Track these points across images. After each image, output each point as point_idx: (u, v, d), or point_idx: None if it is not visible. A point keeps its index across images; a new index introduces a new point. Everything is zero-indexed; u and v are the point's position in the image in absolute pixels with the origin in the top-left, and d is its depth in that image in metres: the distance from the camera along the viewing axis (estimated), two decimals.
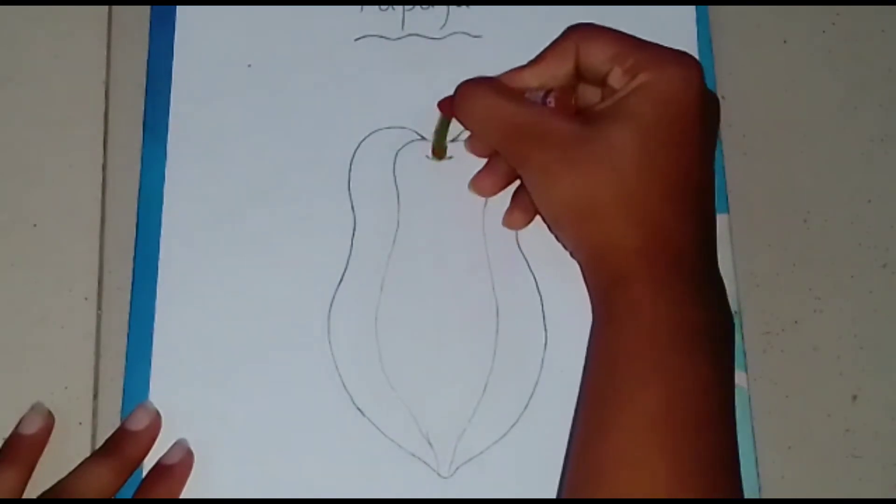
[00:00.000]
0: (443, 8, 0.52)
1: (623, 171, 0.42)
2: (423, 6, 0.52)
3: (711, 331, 0.42)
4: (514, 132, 0.44)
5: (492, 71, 0.50)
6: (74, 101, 0.51)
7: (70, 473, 0.44)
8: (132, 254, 0.48)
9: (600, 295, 0.43)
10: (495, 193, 0.48)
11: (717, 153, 0.49)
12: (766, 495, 0.46)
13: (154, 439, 0.46)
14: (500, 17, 0.52)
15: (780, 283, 0.49)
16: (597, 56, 0.44)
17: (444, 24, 0.52)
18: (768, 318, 0.49)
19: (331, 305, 0.48)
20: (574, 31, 0.45)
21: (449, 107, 0.47)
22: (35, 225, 0.49)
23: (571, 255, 0.45)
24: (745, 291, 0.48)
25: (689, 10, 0.52)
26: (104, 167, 0.50)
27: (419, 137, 0.50)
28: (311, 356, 0.47)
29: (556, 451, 0.44)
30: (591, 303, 0.44)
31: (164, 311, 0.47)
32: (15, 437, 0.45)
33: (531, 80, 0.45)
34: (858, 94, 0.52)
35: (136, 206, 0.49)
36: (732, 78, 0.52)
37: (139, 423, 0.45)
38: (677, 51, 0.44)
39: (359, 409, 0.46)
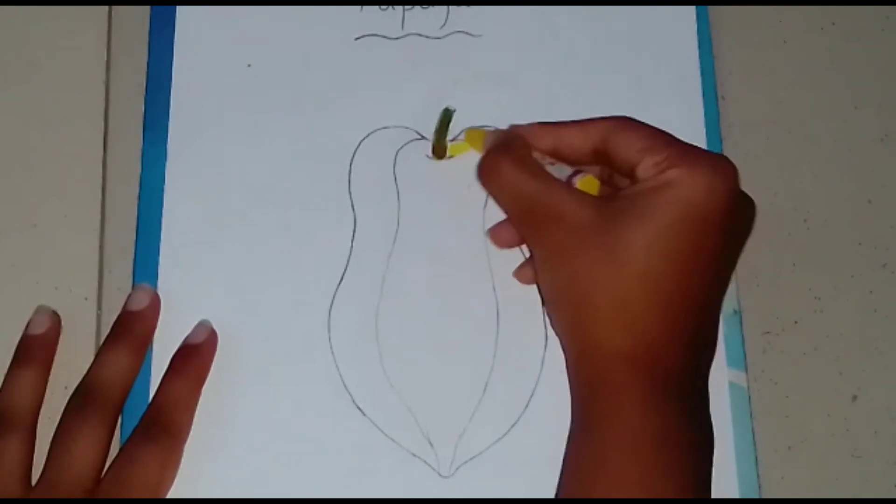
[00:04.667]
0: (443, 7, 0.52)
1: (625, 274, 0.40)
2: (423, 6, 0.52)
3: (696, 451, 0.41)
4: (531, 209, 0.43)
5: (492, 71, 0.51)
6: (74, 101, 0.51)
7: (92, 366, 0.45)
8: (132, 254, 0.48)
9: (582, 395, 0.42)
10: (512, 247, 0.48)
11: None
12: (766, 495, 0.46)
13: (157, 316, 0.47)
14: (500, 16, 0.52)
15: (780, 283, 0.49)
16: (629, 146, 0.42)
17: (444, 24, 0.52)
18: (768, 318, 0.49)
19: (331, 305, 0.48)
20: (611, 118, 0.44)
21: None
22: (35, 225, 0.49)
23: (561, 344, 0.44)
24: (745, 291, 0.48)
25: (689, 10, 0.52)
26: (104, 167, 0.50)
27: (419, 137, 0.50)
28: (311, 356, 0.47)
29: (556, 451, 0.44)
30: (572, 400, 0.43)
31: (163, 312, 0.47)
32: (27, 339, 0.47)
33: (545, 140, 0.44)
34: (858, 94, 0.52)
35: (136, 206, 0.49)
36: (732, 78, 0.52)
37: (140, 302, 0.47)
38: (713, 154, 0.42)
39: (359, 409, 0.46)
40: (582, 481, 0.41)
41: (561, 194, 0.42)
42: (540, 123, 0.45)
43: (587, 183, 0.43)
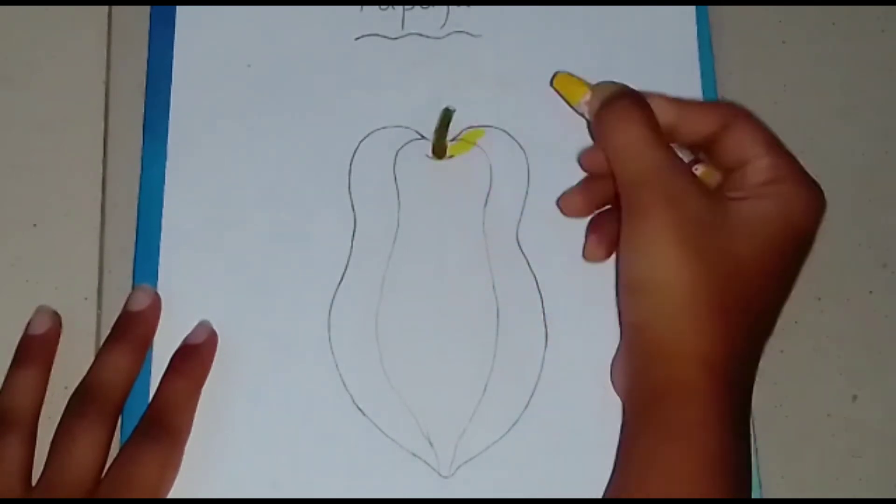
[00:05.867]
0: (443, 7, 0.52)
1: (725, 272, 0.40)
2: (423, 6, 0.52)
3: (741, 464, 0.41)
4: (652, 179, 0.41)
5: (492, 71, 0.51)
6: (74, 101, 0.51)
7: (92, 366, 0.45)
8: (132, 254, 0.48)
9: (650, 395, 0.41)
10: (583, 216, 0.47)
11: None
12: (766, 495, 0.46)
13: (157, 317, 0.47)
14: (500, 16, 0.52)
15: None
16: (744, 141, 0.42)
17: (444, 24, 0.52)
18: None
19: (331, 305, 0.48)
20: (730, 106, 0.44)
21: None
22: (35, 225, 0.49)
23: (623, 330, 0.43)
24: None
25: (689, 10, 0.52)
26: (104, 167, 0.50)
27: (419, 137, 0.50)
28: (311, 356, 0.47)
29: (556, 451, 0.44)
30: (630, 398, 0.42)
31: (163, 312, 0.47)
32: (27, 339, 0.47)
33: (669, 112, 0.43)
34: (858, 95, 0.52)
35: (136, 206, 0.49)
36: (732, 78, 0.52)
37: (141, 303, 0.47)
38: (809, 175, 0.43)
39: (359, 409, 0.46)
40: (645, 489, 0.40)
41: (686, 178, 0.41)
42: (663, 96, 0.44)
43: (707, 174, 0.43)
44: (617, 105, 0.43)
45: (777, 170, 0.42)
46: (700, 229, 0.40)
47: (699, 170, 0.43)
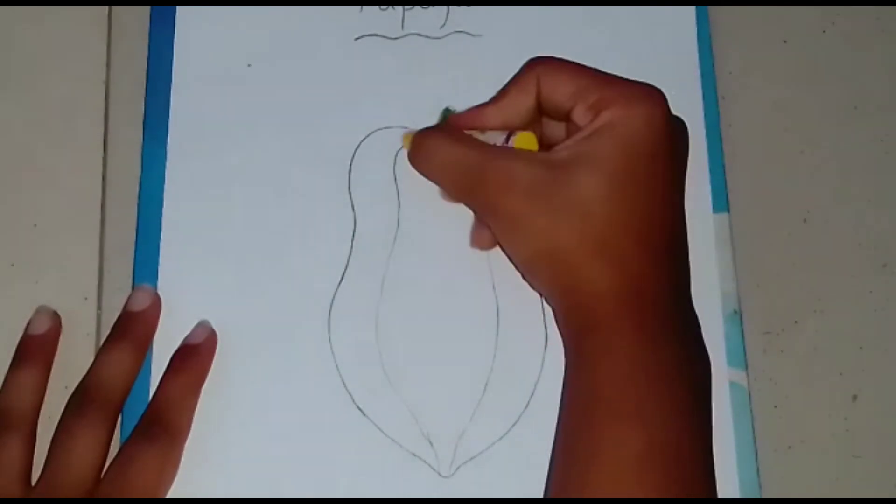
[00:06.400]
0: (443, 7, 0.52)
1: (592, 216, 0.41)
2: (423, 6, 0.52)
3: (689, 373, 0.41)
4: (478, 180, 0.43)
5: (492, 71, 0.50)
6: (74, 101, 0.51)
7: (92, 366, 0.45)
8: (132, 254, 0.48)
9: (575, 339, 0.42)
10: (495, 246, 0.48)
11: (717, 153, 0.49)
12: (766, 495, 0.46)
13: (157, 317, 0.47)
14: (500, 16, 0.52)
15: (780, 283, 0.49)
16: (559, 91, 0.43)
17: (443, 24, 0.52)
18: (768, 318, 0.49)
19: (331, 305, 0.48)
20: (535, 64, 0.44)
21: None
22: (35, 225, 0.49)
23: (546, 301, 0.45)
24: (745, 291, 0.48)
25: (689, 10, 0.52)
26: (104, 167, 0.50)
27: None
28: (311, 356, 0.47)
29: None
30: (565, 347, 0.43)
31: (163, 312, 0.47)
32: (27, 339, 0.47)
33: (494, 117, 0.45)
34: (858, 95, 0.52)
35: (136, 206, 0.49)
36: (732, 78, 0.52)
37: (141, 303, 0.47)
38: (642, 85, 0.43)
39: (359, 409, 0.46)
40: (579, 417, 0.41)
41: (506, 158, 0.42)
42: (475, 107, 0.45)
43: (525, 140, 0.43)
44: (415, 143, 0.46)
45: (597, 104, 0.42)
46: (547, 195, 0.41)
47: (514, 139, 0.43)
